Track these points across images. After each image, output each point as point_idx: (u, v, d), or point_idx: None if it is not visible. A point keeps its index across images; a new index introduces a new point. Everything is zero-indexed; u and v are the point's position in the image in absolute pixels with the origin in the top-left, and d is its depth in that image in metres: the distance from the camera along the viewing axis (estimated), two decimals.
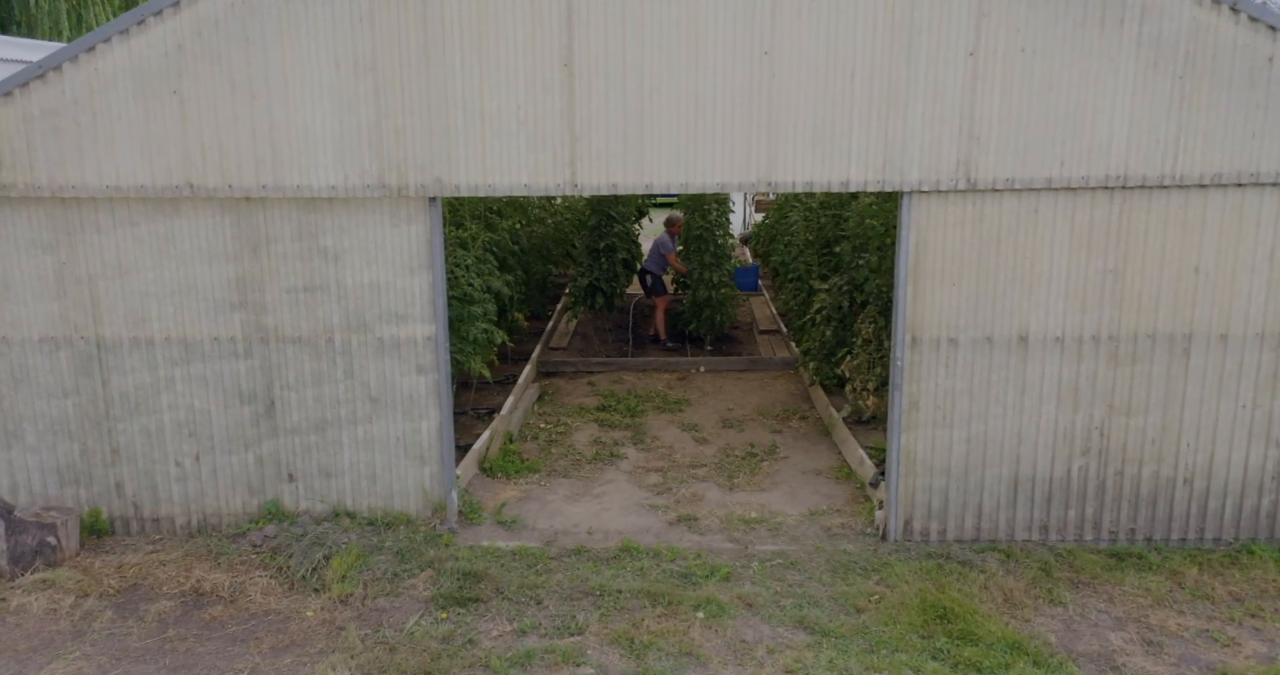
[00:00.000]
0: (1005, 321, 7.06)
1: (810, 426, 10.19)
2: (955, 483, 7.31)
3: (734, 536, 7.54)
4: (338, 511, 7.65)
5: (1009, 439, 7.23)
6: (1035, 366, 7.11)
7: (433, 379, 7.42)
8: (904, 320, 7.09)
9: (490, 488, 8.54)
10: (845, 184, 6.92)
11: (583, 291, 12.86)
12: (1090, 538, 7.36)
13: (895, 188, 6.89)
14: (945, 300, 7.05)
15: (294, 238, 7.24)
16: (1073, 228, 6.91)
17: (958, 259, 6.99)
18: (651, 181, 6.97)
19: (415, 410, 7.48)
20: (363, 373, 7.44)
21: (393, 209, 7.15)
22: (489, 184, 7.01)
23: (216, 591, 6.80)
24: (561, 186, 6.99)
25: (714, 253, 12.54)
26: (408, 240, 7.20)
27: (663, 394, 11.34)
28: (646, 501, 8.25)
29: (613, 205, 12.99)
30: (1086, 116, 6.72)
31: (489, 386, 11.44)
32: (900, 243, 7.00)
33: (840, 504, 8.12)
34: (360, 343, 7.39)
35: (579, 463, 9.20)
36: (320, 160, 7.03)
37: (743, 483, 8.64)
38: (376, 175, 7.04)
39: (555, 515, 7.99)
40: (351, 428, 7.54)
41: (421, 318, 7.33)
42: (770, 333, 14.20)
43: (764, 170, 6.92)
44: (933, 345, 7.11)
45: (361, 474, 7.62)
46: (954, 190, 6.87)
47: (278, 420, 7.54)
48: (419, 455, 7.56)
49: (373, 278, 7.28)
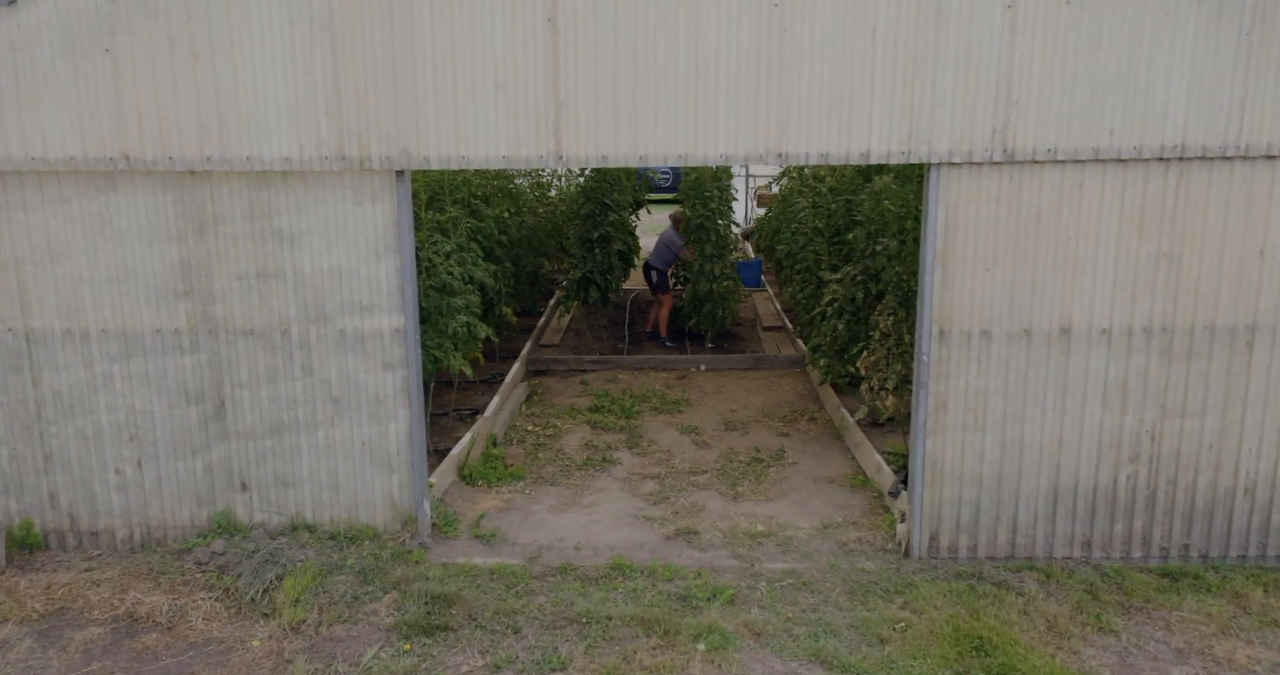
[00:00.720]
0: (1045, 312, 6.26)
1: (820, 429, 9.39)
2: (987, 493, 6.51)
3: (738, 552, 6.74)
4: (296, 524, 6.85)
5: (1048, 444, 6.43)
6: (1079, 362, 6.31)
7: (401, 376, 6.62)
8: (930, 311, 6.29)
9: (469, 497, 7.74)
10: (865, 155, 6.12)
11: (575, 285, 12.06)
12: (1139, 555, 6.56)
13: (922, 159, 6.09)
14: (977, 288, 6.25)
15: (244, 217, 6.44)
16: (1122, 205, 6.11)
17: (992, 241, 6.19)
18: (647, 153, 6.17)
19: (382, 411, 6.68)
20: (323, 369, 6.64)
21: (355, 184, 6.35)
22: (463, 156, 6.21)
23: (153, 616, 6.00)
24: (545, 158, 6.19)
25: (715, 243, 11.73)
26: (373, 220, 6.40)
27: (660, 394, 10.54)
28: (641, 512, 7.45)
29: (608, 193, 12.19)
30: (1140, 78, 5.92)
31: (473, 386, 10.64)
32: (927, 223, 6.20)
33: (856, 515, 7.32)
34: (320, 336, 6.59)
35: (568, 469, 8.40)
36: (272, 129, 6.23)
37: (747, 491, 7.84)
38: (336, 146, 6.24)
39: (540, 528, 7.19)
40: (311, 431, 6.74)
41: (388, 308, 6.53)
42: (775, 329, 13.40)
43: (774, 140, 6.11)
44: (963, 339, 6.32)
45: (322, 483, 6.81)
46: (988, 162, 6.08)
47: (228, 423, 6.74)
48: (386, 462, 6.76)
49: (334, 263, 6.48)
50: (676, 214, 12.62)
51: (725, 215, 11.82)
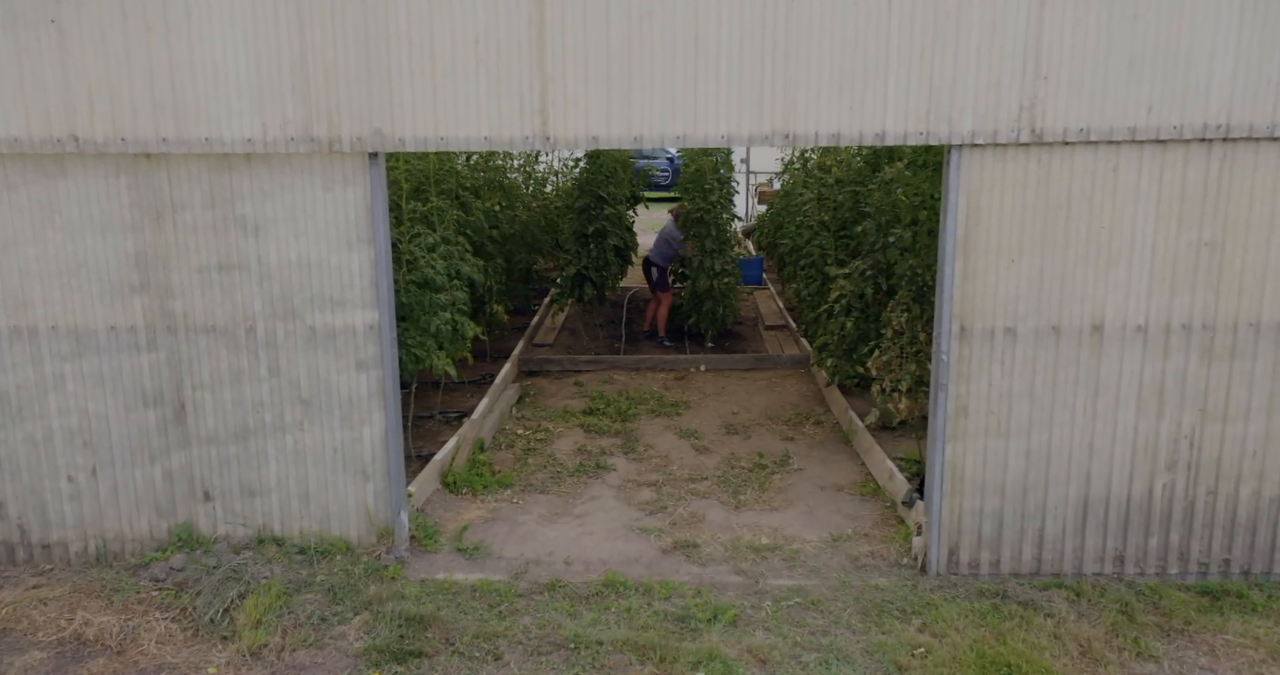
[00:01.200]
0: (1075, 307, 5.75)
1: (827, 433, 8.88)
2: (1011, 504, 6.00)
3: (741, 567, 6.23)
4: (263, 537, 6.34)
5: (1078, 451, 5.92)
6: (1111, 362, 5.80)
7: (376, 377, 6.10)
8: (950, 306, 5.78)
9: (453, 506, 7.22)
10: (880, 136, 5.61)
11: (570, 282, 11.55)
12: (1175, 571, 6.04)
13: (942, 140, 5.58)
14: (1002, 281, 5.74)
15: (205, 204, 5.93)
16: (1160, 190, 5.60)
17: (1018, 229, 5.68)
18: (641, 133, 5.66)
19: (355, 415, 6.17)
20: (291, 369, 6.13)
21: (324, 168, 5.84)
22: (441, 137, 5.70)
23: (102, 639, 5.49)
24: (530, 139, 5.68)
25: (715, 238, 11.22)
26: (344, 207, 5.89)
27: (658, 395, 10.03)
28: (637, 523, 6.93)
29: (603, 185, 11.68)
30: (1181, 50, 5.42)
31: (461, 387, 10.13)
32: (947, 210, 5.69)
33: (867, 527, 6.81)
34: (288, 333, 6.08)
35: (559, 476, 7.89)
36: (233, 107, 5.72)
37: (750, 500, 7.32)
38: (302, 126, 5.73)
39: (527, 540, 6.68)
40: (279, 436, 6.22)
41: (362, 302, 6.02)
42: (777, 328, 12.89)
43: (780, 119, 5.60)
44: (985, 337, 5.81)
45: (291, 492, 6.30)
46: (1015, 143, 5.57)
47: (189, 427, 6.23)
48: (360, 469, 6.25)
49: (302, 253, 5.97)
50: (676, 209, 12.13)
51: (726, 209, 11.31)
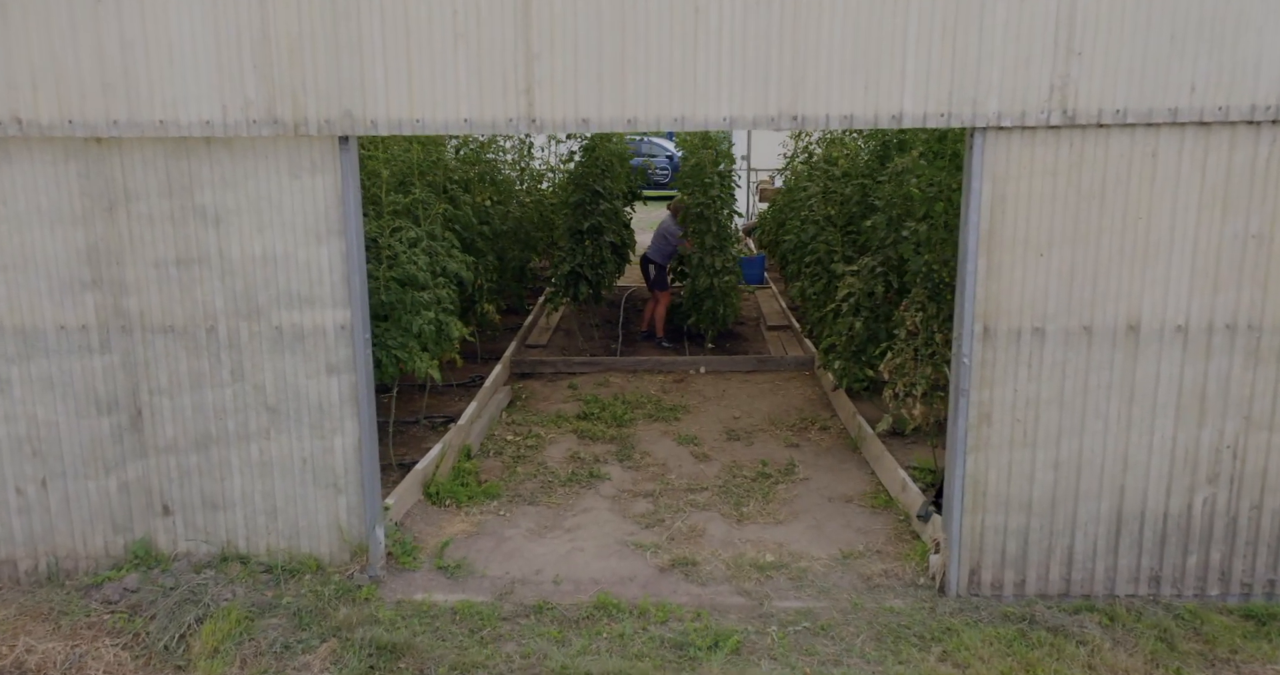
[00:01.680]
0: (1110, 305, 5.27)
1: (834, 439, 8.40)
2: (1038, 520, 5.52)
3: (744, 588, 5.75)
4: (226, 554, 5.86)
5: (1111, 463, 5.44)
6: (1148, 365, 5.32)
7: (348, 381, 5.63)
8: (972, 305, 5.30)
9: (434, 520, 6.74)
10: (897, 118, 5.13)
11: (564, 280, 11.06)
12: (1216, 592, 5.57)
13: (965, 123, 5.10)
14: (1029, 277, 5.27)
15: (161, 193, 5.45)
16: (1204, 177, 5.12)
17: (1047, 221, 5.21)
18: (636, 115, 5.18)
19: (326, 422, 5.69)
20: (256, 373, 5.65)
21: (290, 153, 5.36)
22: (417, 119, 5.22)
23: (45, 669, 5.01)
24: (515, 121, 5.20)
25: (716, 234, 10.74)
26: (312, 196, 5.41)
27: (656, 399, 9.55)
28: (632, 538, 6.45)
29: (599, 179, 11.20)
30: (1228, 24, 4.94)
31: (449, 390, 9.65)
32: (969, 200, 5.21)
33: (880, 542, 6.32)
34: (252, 333, 5.60)
35: (550, 485, 7.41)
36: (189, 86, 5.24)
37: (754, 512, 6.84)
38: (265, 107, 5.25)
39: (514, 557, 6.19)
40: (243, 445, 5.74)
41: (332, 300, 5.54)
42: (780, 328, 12.41)
43: (787, 100, 5.12)
44: (1011, 338, 5.33)
45: (257, 506, 5.82)
46: (1044, 126, 5.09)
47: (147, 435, 5.75)
48: (332, 482, 5.77)
49: (267, 247, 5.50)
50: (675, 203, 11.64)
51: (727, 204, 10.82)
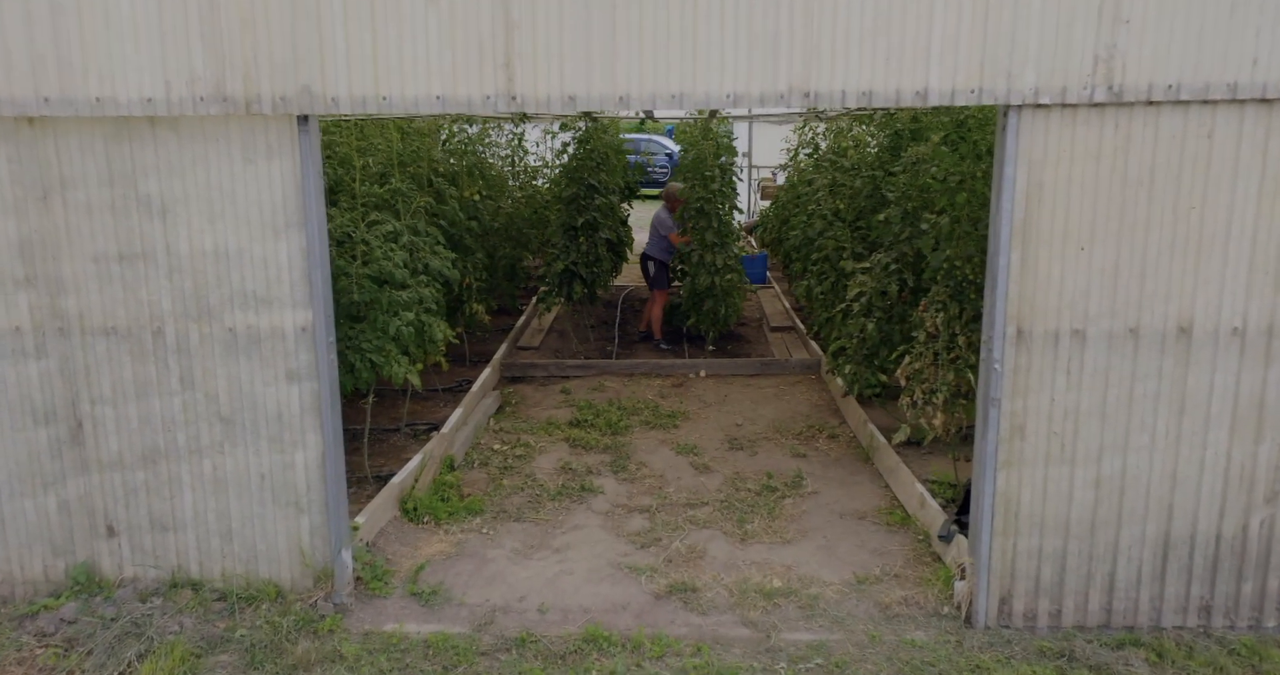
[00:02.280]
0: (1158, 306, 4.72)
1: (843, 449, 7.84)
2: (1077, 544, 4.97)
3: (749, 618, 5.20)
4: (177, 580, 5.31)
5: (1158, 481, 4.89)
6: (1201, 373, 4.77)
7: (310, 389, 5.07)
8: (1004, 305, 4.75)
9: (411, 539, 6.18)
10: (922, 94, 4.57)
11: (557, 279, 10.51)
12: (1273, 624, 5.01)
13: (999, 99, 4.55)
14: (1068, 274, 4.71)
15: (101, 180, 4.90)
16: (1265, 161, 4.57)
17: (1089, 211, 4.65)
18: (628, 91, 4.62)
19: (286, 435, 5.14)
20: (208, 380, 5.10)
21: (244, 135, 4.81)
22: (383, 97, 4.67)
23: None
24: (493, 99, 4.65)
25: (717, 230, 10.18)
26: (268, 184, 4.86)
27: (653, 405, 9.00)
28: (626, 559, 5.90)
29: (594, 173, 10.64)
30: None
31: (435, 395, 9.11)
32: (1001, 188, 4.66)
33: (897, 565, 5.77)
34: (204, 336, 5.05)
35: (538, 499, 6.86)
36: (129, 59, 4.69)
37: (759, 530, 6.29)
38: (214, 83, 4.70)
39: (495, 582, 5.64)
40: (195, 460, 5.19)
41: (292, 300, 4.98)
42: (784, 330, 11.87)
43: (798, 74, 4.57)
44: (1047, 341, 4.77)
45: (211, 527, 5.27)
46: (1087, 103, 4.53)
47: (89, 449, 5.20)
48: (293, 500, 5.21)
49: (219, 241, 4.94)
50: (672, 189, 11.02)
51: (729, 198, 10.27)
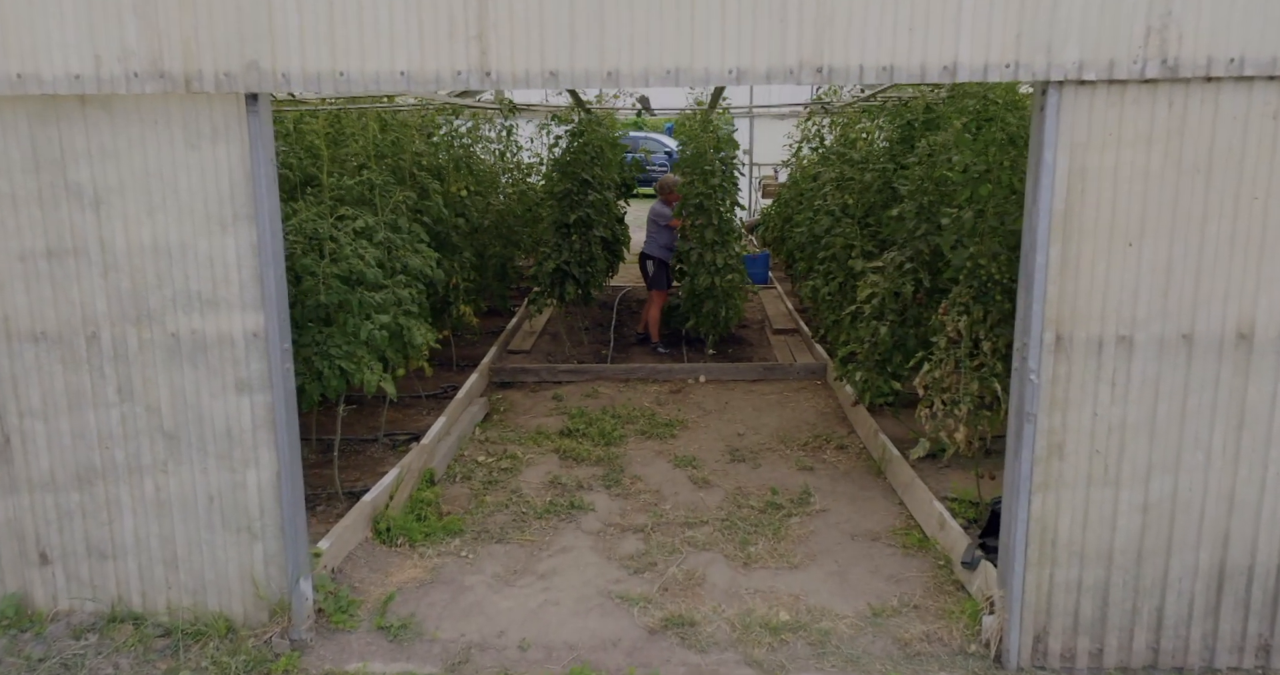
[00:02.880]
0: (1215, 309, 4.18)
1: (853, 461, 7.31)
2: (1121, 575, 4.43)
3: (753, 656, 4.66)
4: (117, 614, 4.77)
5: (1213, 505, 4.35)
6: (1263, 383, 4.23)
7: (262, 401, 4.54)
8: (1041, 307, 4.21)
9: (382, 564, 5.65)
10: (950, 69, 4.04)
11: (549, 278, 9.98)
12: None
13: (1038, 75, 4.02)
14: (1114, 273, 4.18)
15: (26, 167, 4.37)
16: None
17: (1139, 202, 4.12)
18: (618, 66, 4.09)
19: (237, 452, 4.60)
20: (149, 391, 4.56)
21: (186, 117, 4.28)
22: (340, 73, 4.13)
23: None
24: (464, 75, 4.11)
25: (718, 228, 9.65)
26: (214, 171, 4.33)
27: (650, 413, 8.46)
28: (617, 587, 5.37)
29: (588, 167, 10.11)
30: None
31: (417, 402, 8.59)
32: (1039, 176, 4.12)
33: (917, 595, 5.23)
34: (143, 342, 4.52)
35: (524, 518, 6.32)
36: (53, 31, 4.15)
37: (763, 553, 5.76)
38: (149, 57, 4.16)
39: (473, 613, 5.10)
40: (135, 480, 4.66)
41: (241, 302, 4.45)
42: (787, 332, 11.35)
43: (809, 47, 4.03)
44: (1090, 348, 4.24)
45: (154, 554, 4.73)
46: (1138, 79, 4.00)
47: (17, 467, 4.67)
48: (245, 524, 4.68)
49: (159, 235, 4.41)
50: (667, 181, 10.47)
51: (730, 194, 9.73)
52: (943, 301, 5.69)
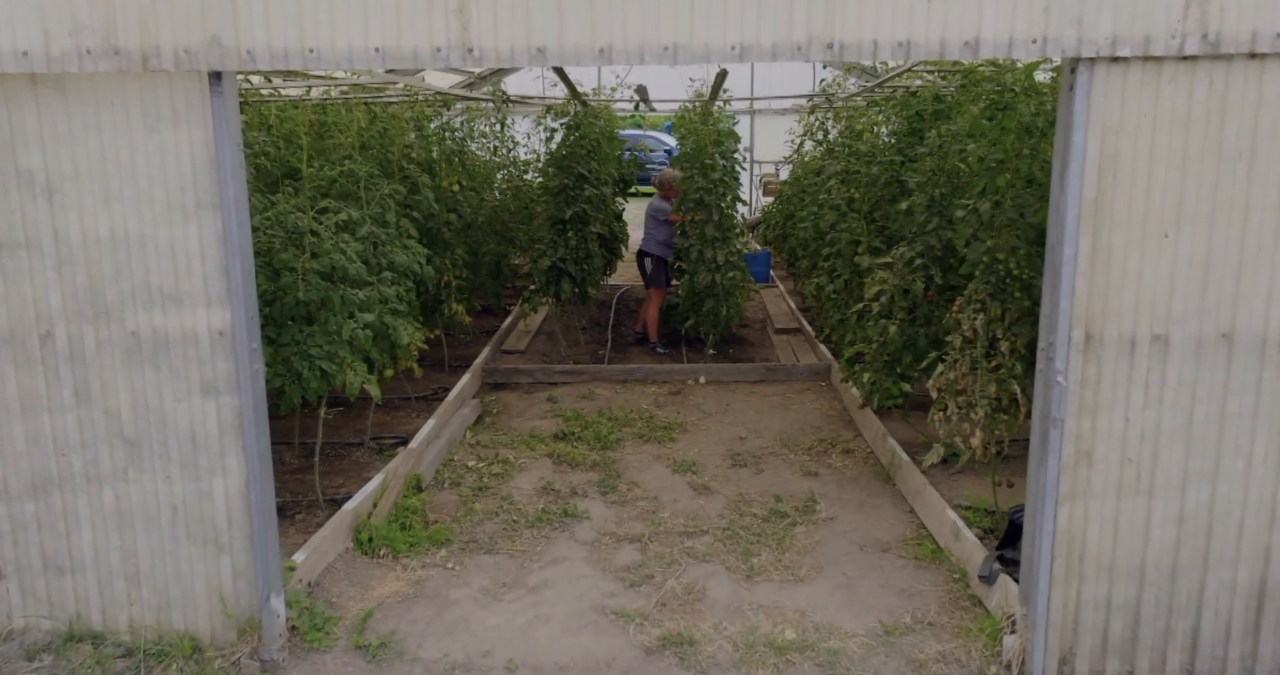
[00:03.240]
0: (1258, 305, 3.87)
1: (860, 466, 6.99)
2: (1154, 592, 4.12)
3: None
4: (76, 632, 4.44)
5: (1254, 517, 4.03)
6: None
7: (230, 405, 4.22)
8: (1069, 304, 3.89)
9: (363, 576, 5.33)
10: (972, 45, 3.72)
11: (544, 276, 9.66)
12: None
13: (1068, 51, 3.70)
14: (1149, 266, 3.86)
15: None
16: None
17: (1175, 190, 3.81)
18: (610, 42, 3.77)
19: (202, 460, 4.28)
20: (108, 394, 4.25)
21: (144, 97, 3.96)
22: (309, 49, 3.81)
23: None
24: (444, 51, 3.79)
25: (718, 224, 9.33)
26: (176, 156, 4.01)
27: (648, 415, 8.15)
28: (612, 602, 5.04)
29: (584, 161, 9.79)
30: None
31: (407, 404, 8.28)
32: (1068, 160, 3.80)
33: (931, 611, 4.91)
34: (101, 341, 4.20)
35: (514, 526, 6.01)
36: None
37: (766, 565, 5.44)
38: (101, 32, 3.85)
39: (457, 630, 4.79)
40: (94, 489, 4.34)
41: (206, 297, 4.13)
42: (789, 332, 11.03)
43: (819, 21, 3.72)
44: (1122, 348, 3.92)
45: (115, 569, 4.42)
46: (1176, 56, 3.69)
47: None
48: (211, 537, 4.36)
49: (116, 226, 4.10)
50: (667, 176, 10.14)
51: (731, 189, 9.41)
52: (957, 299, 5.37)
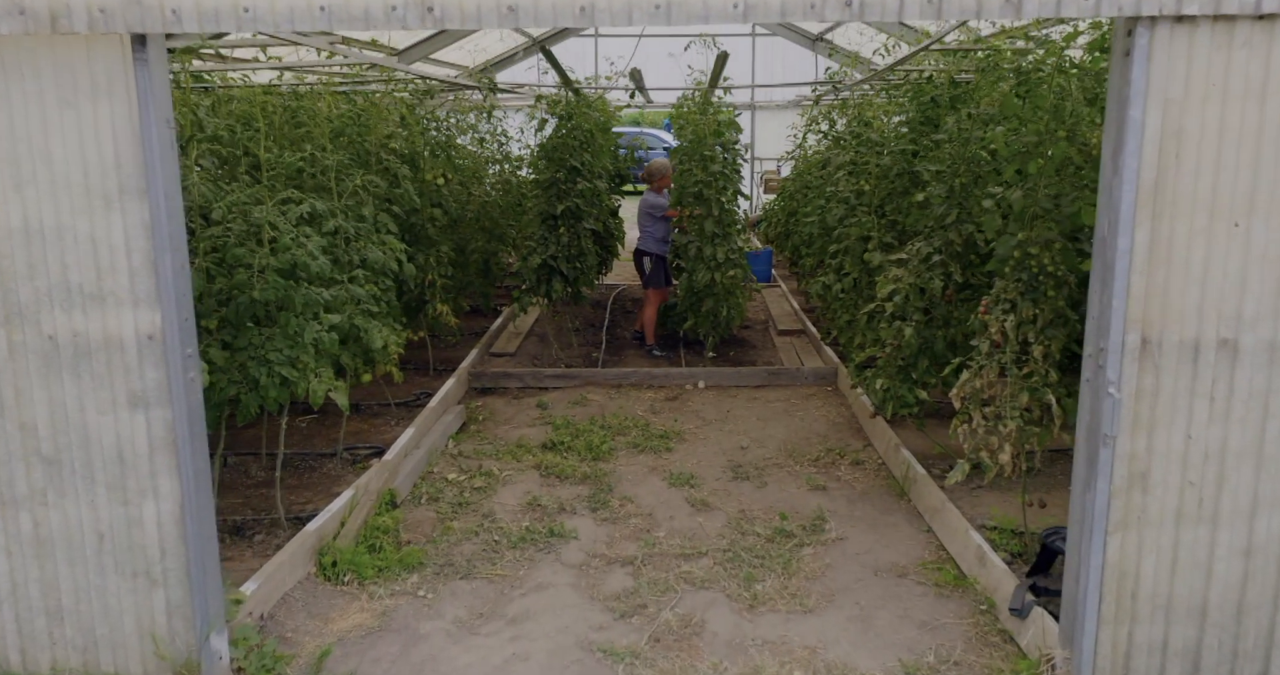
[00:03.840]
0: None
1: (871, 479, 6.47)
2: (1217, 635, 3.60)
3: None
4: None
5: None
6: None
7: (161, 418, 3.70)
8: (1122, 304, 3.38)
9: (324, 607, 4.81)
10: (1014, 3, 3.20)
11: (534, 275, 9.14)
12: None
13: (1124, 10, 3.18)
14: (1216, 260, 3.35)
15: None
16: None
17: (1248, 172, 3.29)
18: (592, 0, 3.25)
19: (131, 480, 3.77)
20: (23, 406, 3.73)
21: (57, 66, 3.44)
22: (244, 9, 3.30)
23: None
24: (400, 11, 3.27)
25: (718, 219, 8.82)
26: (95, 135, 3.49)
27: (643, 423, 7.63)
28: (600, 636, 4.53)
29: (576, 153, 9.27)
30: None
31: (386, 411, 7.76)
32: (1124, 137, 3.29)
33: (956, 648, 4.39)
34: (14, 346, 3.68)
35: (495, 548, 5.49)
36: None
37: (771, 593, 4.92)
38: None
39: (424, 671, 4.26)
40: (8, 514, 3.82)
41: (133, 296, 3.61)
42: (793, 333, 10.51)
43: None
44: (1184, 355, 3.40)
45: (34, 604, 3.90)
46: (1251, 15, 3.17)
47: None
48: (143, 568, 3.84)
49: (30, 214, 3.58)
50: (656, 166, 9.62)
51: (732, 182, 8.89)
52: (983, 299, 4.85)
